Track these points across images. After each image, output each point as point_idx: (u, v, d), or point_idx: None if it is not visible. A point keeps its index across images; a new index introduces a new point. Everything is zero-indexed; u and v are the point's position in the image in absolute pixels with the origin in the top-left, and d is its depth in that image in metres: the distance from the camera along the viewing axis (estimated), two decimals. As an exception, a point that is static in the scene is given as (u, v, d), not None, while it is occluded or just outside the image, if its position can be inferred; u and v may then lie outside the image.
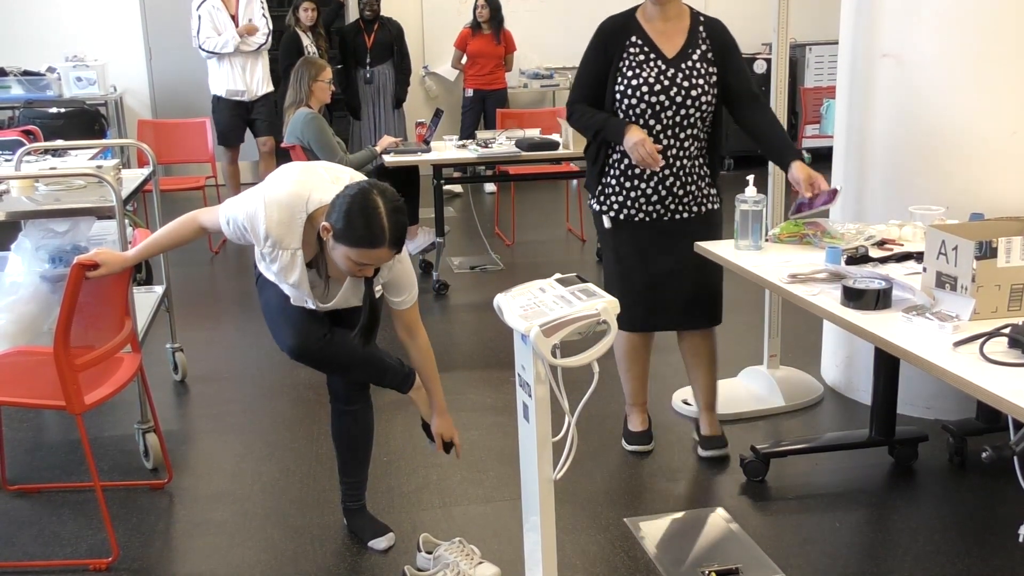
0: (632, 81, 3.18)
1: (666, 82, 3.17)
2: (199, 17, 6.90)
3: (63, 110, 7.31)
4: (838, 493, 3.22)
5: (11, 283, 3.62)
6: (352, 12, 8.89)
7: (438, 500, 3.21)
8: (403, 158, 5.46)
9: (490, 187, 8.63)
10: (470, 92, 8.42)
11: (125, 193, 3.54)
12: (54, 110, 7.30)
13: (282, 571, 2.82)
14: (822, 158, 4.77)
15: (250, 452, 3.60)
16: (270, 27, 7.07)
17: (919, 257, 2.63)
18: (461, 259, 6.32)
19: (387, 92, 8.10)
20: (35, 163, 4.11)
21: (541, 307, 2.14)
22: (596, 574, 2.78)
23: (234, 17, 6.93)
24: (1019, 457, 2.64)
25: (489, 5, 8.14)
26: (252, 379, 4.35)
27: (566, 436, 2.17)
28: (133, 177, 3.91)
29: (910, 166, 3.57)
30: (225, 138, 7.17)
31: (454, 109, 8.65)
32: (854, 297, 2.46)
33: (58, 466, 3.52)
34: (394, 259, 2.54)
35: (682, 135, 3.22)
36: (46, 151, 4.34)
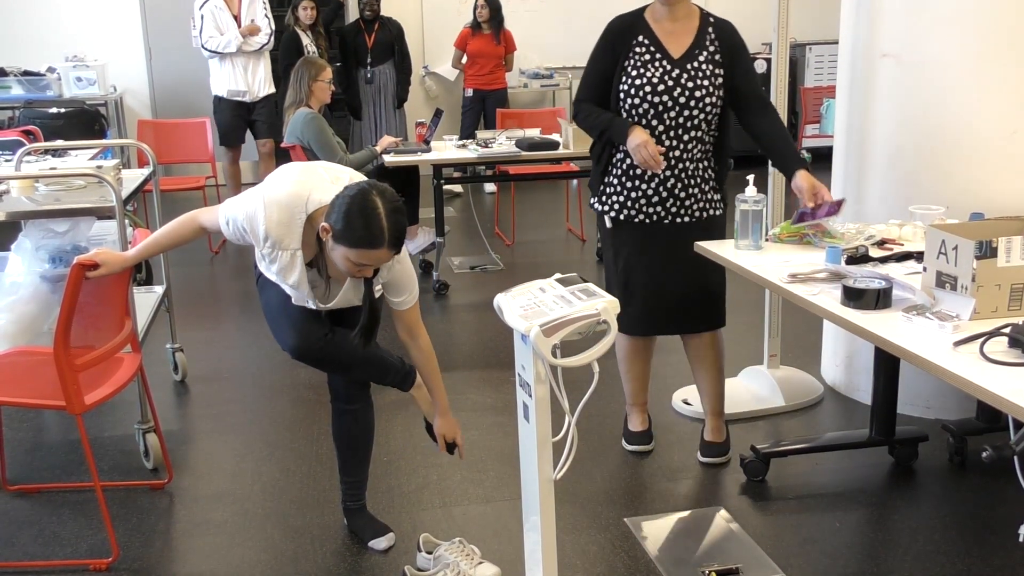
0: (636, 81, 3.17)
1: (670, 82, 3.16)
2: (201, 17, 6.87)
3: (63, 110, 7.30)
4: (838, 493, 3.22)
5: (11, 283, 3.63)
6: (352, 12, 8.90)
7: (438, 500, 3.21)
8: (403, 158, 5.46)
9: (490, 187, 8.63)
10: (470, 92, 8.41)
11: (125, 193, 3.54)
12: (54, 110, 7.29)
13: (282, 571, 2.82)
14: (822, 158, 4.76)
15: (250, 452, 3.60)
16: (272, 27, 7.05)
17: (919, 257, 2.63)
18: (461, 259, 6.32)
19: (388, 92, 8.10)
20: (35, 163, 4.11)
21: (541, 307, 2.14)
22: (596, 574, 2.78)
23: (236, 17, 6.92)
24: (1019, 457, 2.64)
25: (489, 5, 8.13)
26: (252, 379, 4.36)
27: (566, 436, 2.17)
28: (133, 177, 3.91)
29: (910, 166, 3.58)
30: (226, 139, 7.15)
31: (454, 109, 8.65)
32: (854, 297, 2.46)
33: (58, 466, 3.52)
34: (394, 259, 2.54)
35: (685, 137, 3.20)
36: (46, 151, 4.34)
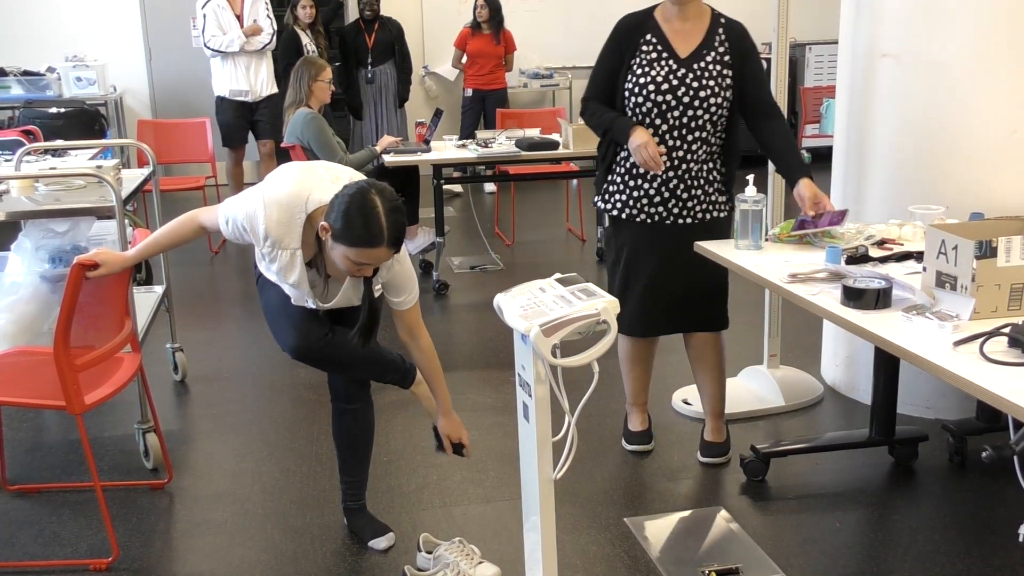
0: (641, 79, 3.16)
1: (675, 81, 3.14)
2: (204, 16, 6.87)
3: (63, 110, 7.29)
4: (838, 493, 3.22)
5: (11, 283, 3.62)
6: (351, 12, 8.90)
7: (438, 500, 3.21)
8: (403, 158, 5.46)
9: (490, 187, 8.63)
10: (470, 92, 8.41)
11: (125, 193, 3.54)
12: (54, 110, 7.29)
13: (282, 571, 2.82)
14: (822, 158, 4.76)
15: (250, 452, 3.60)
16: (274, 27, 7.05)
17: (919, 257, 2.63)
18: (461, 259, 6.31)
19: (389, 92, 8.10)
20: (35, 163, 4.11)
21: (541, 307, 2.14)
22: (596, 574, 2.78)
23: (239, 16, 6.91)
24: (1019, 457, 2.64)
25: (488, 5, 8.13)
26: (252, 379, 4.35)
27: (566, 436, 2.17)
28: (133, 177, 3.91)
29: (910, 166, 3.58)
30: (229, 139, 7.12)
31: (454, 109, 8.65)
32: (854, 297, 2.46)
33: (58, 466, 3.52)
34: (393, 259, 2.54)
35: (689, 137, 3.18)
36: (46, 151, 4.34)
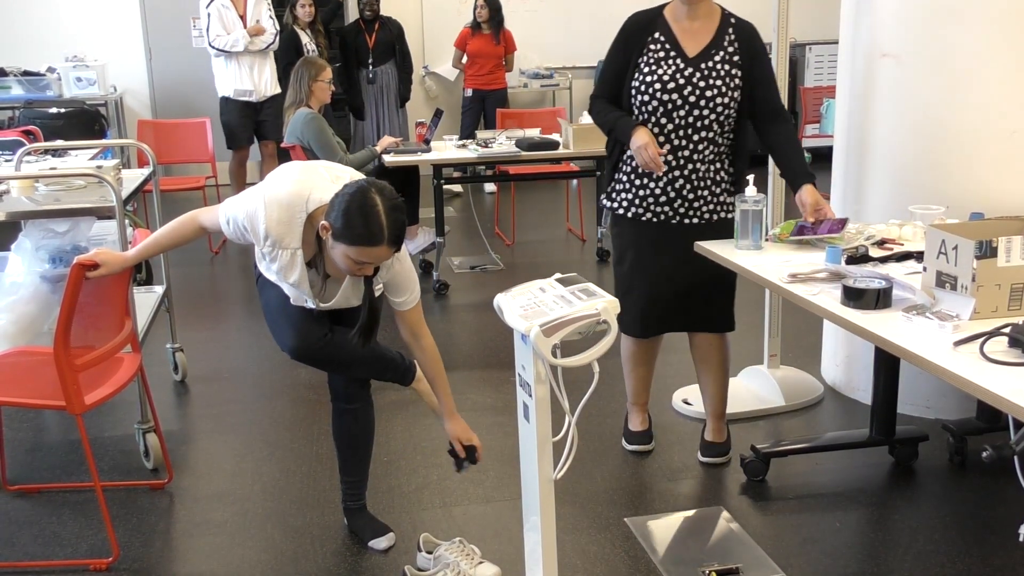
0: (647, 78, 3.15)
1: (681, 80, 3.12)
2: (208, 15, 6.86)
3: (63, 110, 7.29)
4: (838, 493, 3.22)
5: (11, 283, 3.63)
6: (351, 12, 8.90)
7: (438, 500, 3.21)
8: (403, 158, 5.46)
9: (490, 187, 8.63)
10: (470, 92, 8.41)
11: (125, 193, 3.54)
12: (54, 110, 7.28)
13: (282, 571, 2.82)
14: (822, 158, 4.76)
15: (250, 452, 3.60)
16: (277, 28, 7.06)
17: (919, 257, 2.63)
18: (461, 259, 6.31)
19: (390, 91, 8.10)
20: (35, 163, 4.11)
21: (541, 307, 2.14)
22: (596, 574, 2.78)
23: (242, 16, 6.92)
24: (1019, 457, 2.64)
25: (488, 5, 8.13)
26: (252, 379, 4.35)
27: (566, 436, 2.17)
28: (133, 177, 3.91)
29: (910, 165, 3.58)
30: (234, 140, 7.08)
31: (454, 109, 8.65)
32: (854, 297, 2.46)
33: (58, 466, 3.52)
34: (393, 258, 2.54)
35: (695, 137, 3.16)
36: (46, 151, 4.34)
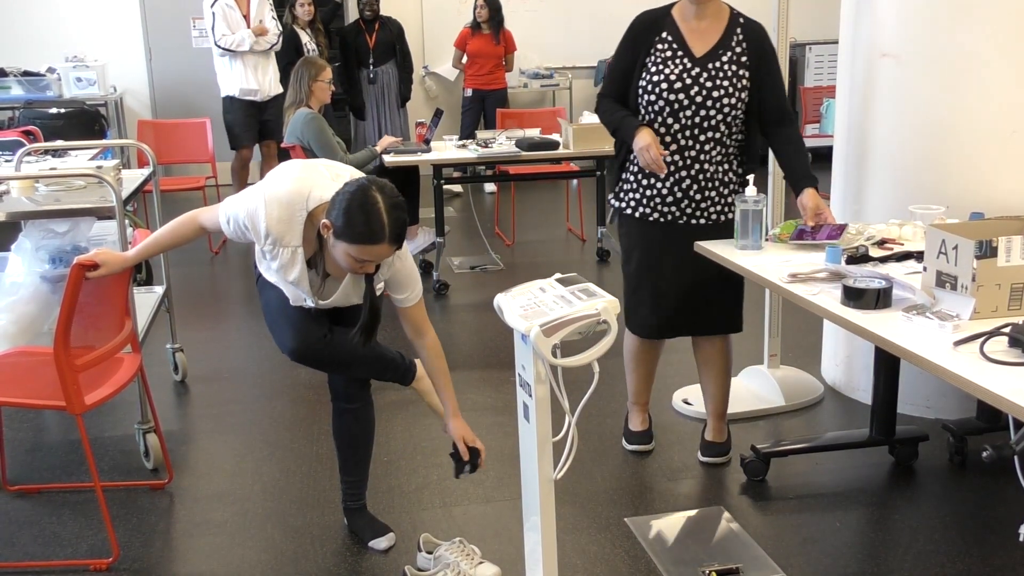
0: (654, 77, 3.13)
1: (688, 80, 3.11)
2: (213, 15, 6.86)
3: (63, 110, 7.29)
4: (838, 493, 3.22)
5: (11, 283, 3.63)
6: (350, 12, 8.90)
7: (438, 500, 3.21)
8: (403, 158, 5.46)
9: (490, 187, 8.63)
10: (470, 92, 8.41)
11: (125, 193, 3.53)
12: (54, 110, 7.28)
13: (282, 571, 2.82)
14: (822, 158, 4.76)
15: (250, 452, 3.60)
16: (279, 28, 7.06)
17: (919, 256, 2.63)
18: (461, 259, 6.31)
19: (391, 91, 8.10)
20: (35, 163, 4.10)
21: (541, 307, 2.14)
22: (596, 574, 2.78)
23: (246, 16, 6.92)
24: (1019, 457, 2.64)
25: (488, 5, 8.13)
26: (252, 379, 4.35)
27: (566, 436, 2.18)
28: (133, 177, 3.91)
29: (910, 165, 3.57)
30: (239, 139, 7.04)
31: (454, 109, 8.65)
32: (854, 297, 2.46)
33: (58, 466, 3.52)
34: (394, 256, 2.54)
35: (702, 137, 3.15)
36: (46, 151, 4.33)
